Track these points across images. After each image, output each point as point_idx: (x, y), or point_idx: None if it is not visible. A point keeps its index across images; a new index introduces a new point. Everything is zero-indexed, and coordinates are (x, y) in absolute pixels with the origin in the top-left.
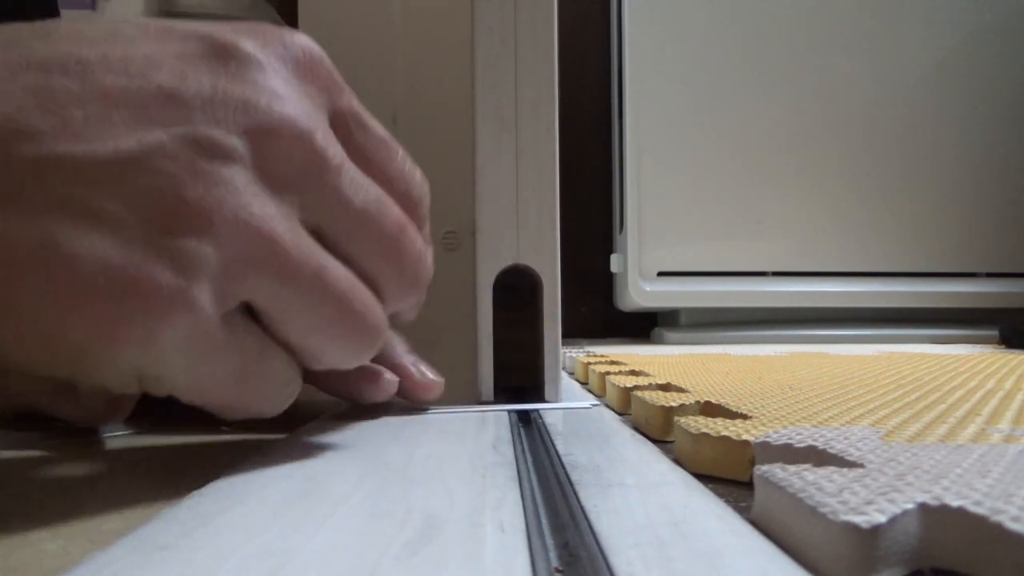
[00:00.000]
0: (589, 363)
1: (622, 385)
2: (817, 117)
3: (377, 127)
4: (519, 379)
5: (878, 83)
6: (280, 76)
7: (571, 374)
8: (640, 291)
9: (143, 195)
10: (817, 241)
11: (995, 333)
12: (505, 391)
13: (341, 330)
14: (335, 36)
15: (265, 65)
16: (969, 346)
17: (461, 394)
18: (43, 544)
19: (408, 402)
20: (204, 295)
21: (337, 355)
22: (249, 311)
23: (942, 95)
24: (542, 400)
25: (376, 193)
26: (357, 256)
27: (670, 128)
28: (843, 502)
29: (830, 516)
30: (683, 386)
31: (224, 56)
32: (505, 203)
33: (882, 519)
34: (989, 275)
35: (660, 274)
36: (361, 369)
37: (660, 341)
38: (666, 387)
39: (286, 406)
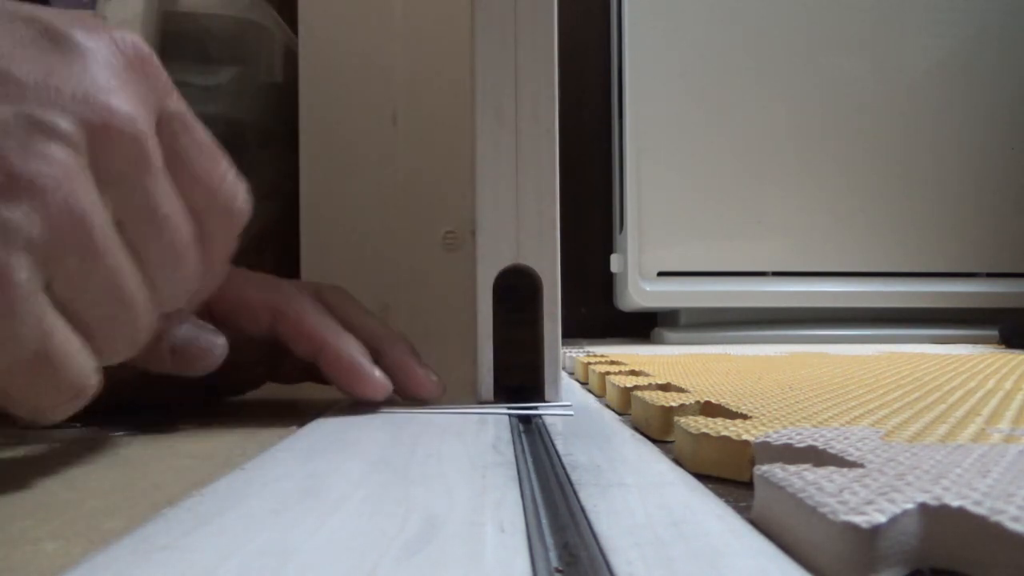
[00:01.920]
0: (589, 363)
1: (622, 385)
2: (817, 117)
3: (202, 133)
4: (519, 379)
5: (878, 83)
6: (111, 70)
7: (571, 374)
8: (640, 291)
9: None
10: (817, 241)
11: (995, 333)
12: (505, 391)
13: (117, 326)
14: (335, 36)
15: (98, 57)
16: (969, 346)
17: (461, 394)
18: (43, 544)
19: (409, 401)
20: (21, 267)
21: (110, 350)
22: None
23: (942, 95)
24: (542, 400)
25: (178, 206)
26: (143, 256)
27: (670, 128)
28: (843, 502)
29: (830, 516)
30: (683, 386)
31: (57, 42)
32: (505, 203)
33: (882, 519)
34: (989, 275)
35: (660, 274)
36: (356, 368)
37: (660, 341)
38: (666, 387)
39: (75, 408)
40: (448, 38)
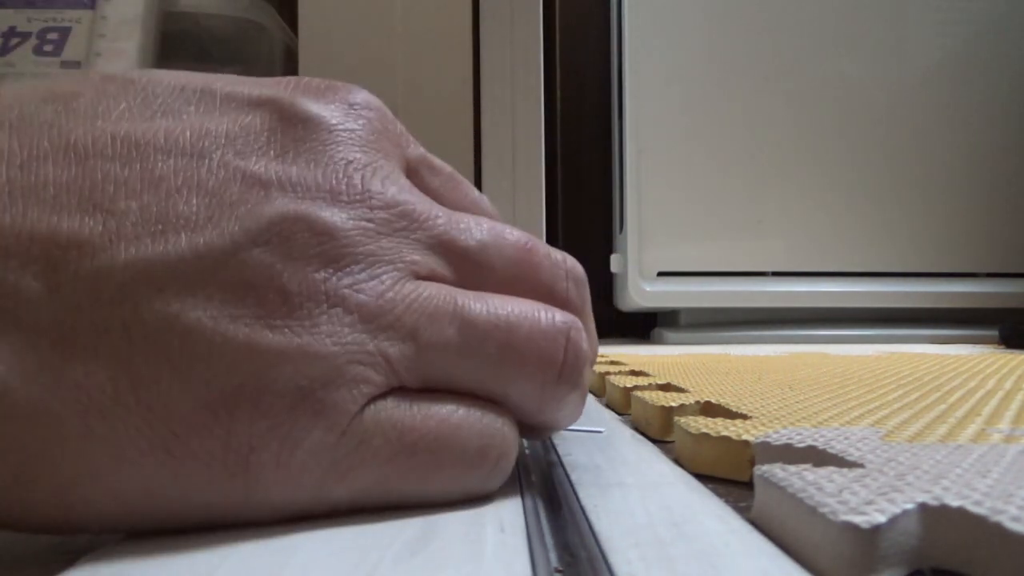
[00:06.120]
0: None
1: (622, 385)
2: (817, 117)
3: (442, 164)
4: None
5: (879, 83)
6: (357, 143)
7: None
8: (640, 291)
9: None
10: (817, 241)
11: (995, 333)
12: None
13: None
14: (335, 36)
15: (342, 131)
16: (969, 346)
17: None
18: (43, 544)
19: None
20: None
21: None
22: None
23: (942, 95)
24: None
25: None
26: None
27: (670, 128)
28: (843, 502)
29: (830, 516)
30: (683, 386)
31: (292, 123)
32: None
33: (882, 519)
34: (989, 275)
35: (660, 274)
36: None
37: (660, 341)
38: (666, 387)
39: None
40: (448, 38)
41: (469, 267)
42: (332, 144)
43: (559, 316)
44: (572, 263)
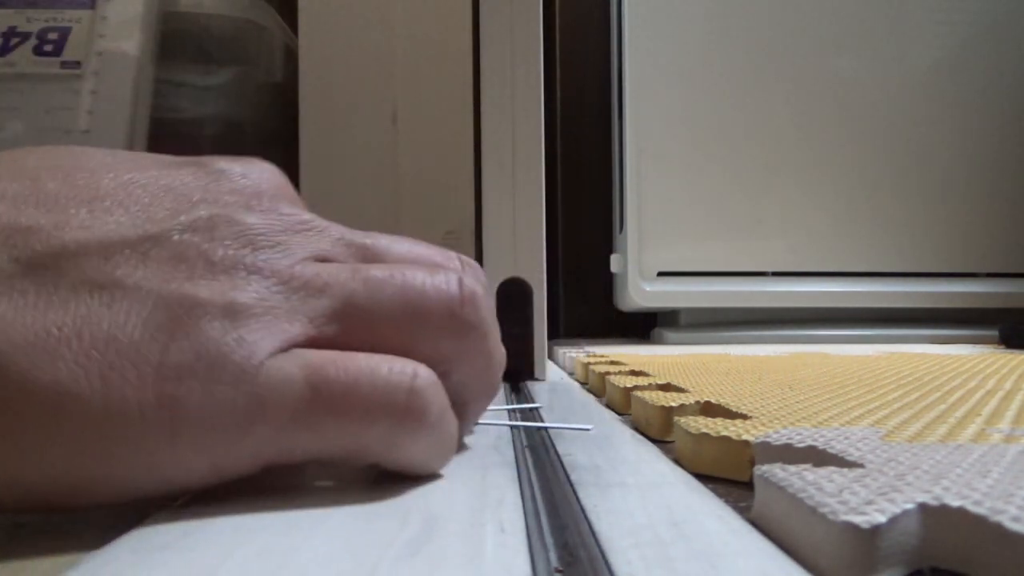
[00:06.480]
0: (589, 363)
1: (622, 385)
2: (817, 117)
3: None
4: (516, 364)
5: (878, 83)
6: (265, 186)
7: (571, 374)
8: (640, 291)
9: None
10: (817, 241)
11: (995, 333)
12: (504, 374)
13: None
14: (335, 36)
15: (252, 178)
16: (969, 346)
17: None
18: (43, 544)
19: None
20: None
21: None
22: None
23: (942, 95)
24: (532, 378)
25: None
26: None
27: (670, 128)
28: (843, 502)
29: (830, 516)
30: (683, 386)
31: (210, 171)
32: (504, 235)
33: (882, 519)
34: (989, 275)
35: (660, 274)
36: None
37: (660, 341)
38: (666, 387)
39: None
40: (448, 38)
41: (369, 256)
42: (244, 181)
43: (452, 274)
44: (469, 259)
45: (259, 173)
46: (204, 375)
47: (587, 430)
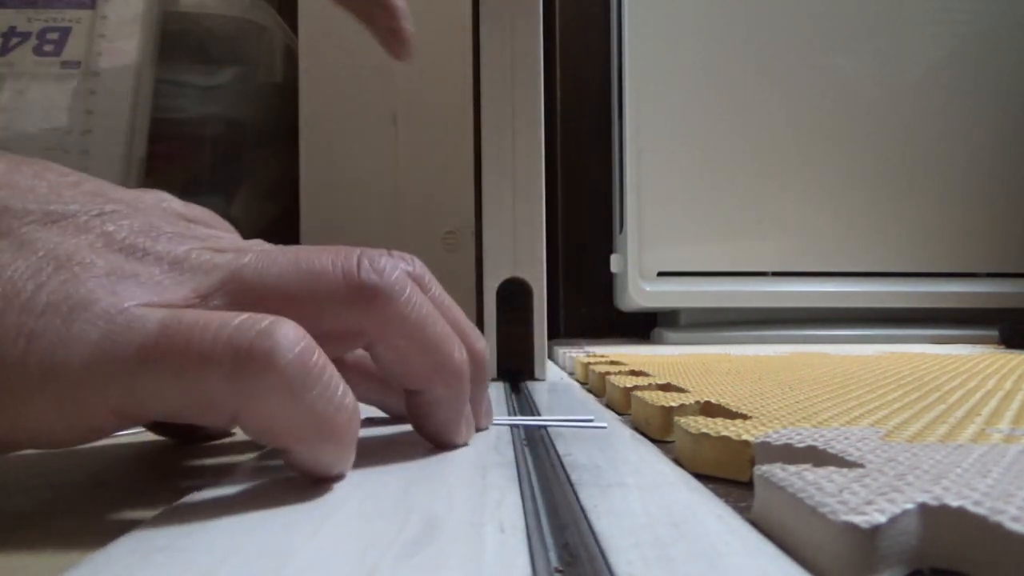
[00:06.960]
0: (589, 363)
1: (622, 385)
2: (818, 117)
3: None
4: (516, 364)
5: (879, 83)
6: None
7: (571, 374)
8: (640, 291)
9: None
10: (817, 241)
11: (995, 333)
12: (504, 374)
13: None
14: (335, 36)
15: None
16: (969, 346)
17: None
18: (43, 544)
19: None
20: None
21: None
22: None
23: (943, 95)
24: (532, 378)
25: None
26: None
27: (670, 128)
28: (843, 502)
29: (830, 516)
30: (683, 386)
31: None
32: (505, 235)
33: (882, 519)
34: (989, 275)
35: (660, 274)
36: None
37: (660, 341)
38: (666, 387)
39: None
40: (448, 38)
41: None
42: (178, 206)
43: (353, 250)
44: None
45: (201, 211)
46: (66, 314)
47: (603, 427)
